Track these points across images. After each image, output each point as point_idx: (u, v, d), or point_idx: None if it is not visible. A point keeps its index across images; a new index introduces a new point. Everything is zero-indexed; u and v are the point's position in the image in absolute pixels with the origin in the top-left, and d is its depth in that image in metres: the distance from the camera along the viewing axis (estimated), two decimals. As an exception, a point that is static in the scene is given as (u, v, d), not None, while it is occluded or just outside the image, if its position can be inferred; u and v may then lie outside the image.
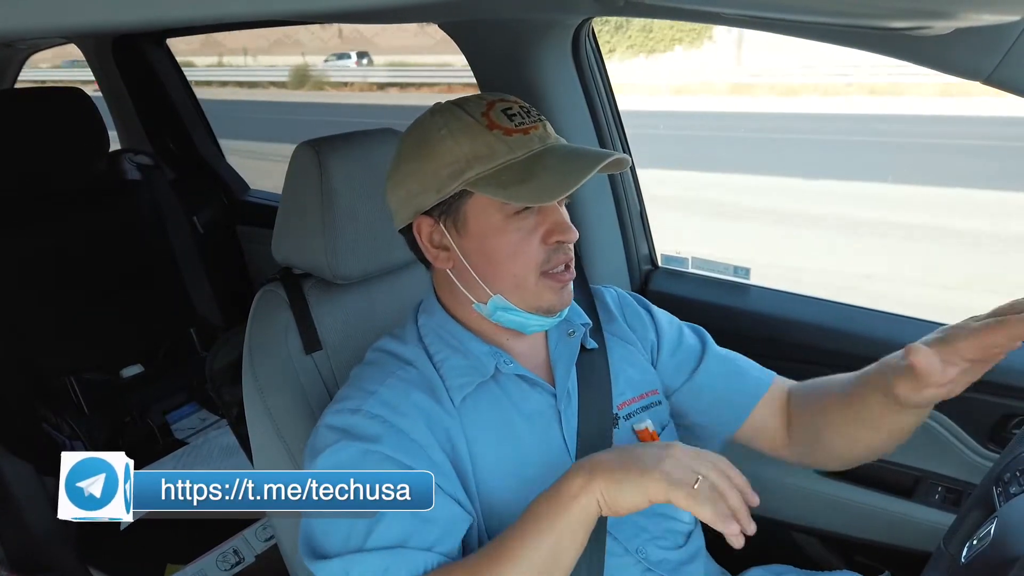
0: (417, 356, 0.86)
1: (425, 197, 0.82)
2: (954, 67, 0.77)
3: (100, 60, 2.44)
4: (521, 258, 0.81)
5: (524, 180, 0.78)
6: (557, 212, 0.82)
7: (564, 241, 0.82)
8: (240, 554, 1.75)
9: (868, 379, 0.87)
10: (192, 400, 2.20)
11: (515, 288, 0.83)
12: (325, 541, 0.75)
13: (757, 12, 0.77)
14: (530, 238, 0.81)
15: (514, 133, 0.80)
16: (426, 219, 0.84)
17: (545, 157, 0.80)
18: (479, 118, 0.81)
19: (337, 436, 0.79)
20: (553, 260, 0.82)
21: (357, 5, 1.03)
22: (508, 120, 0.81)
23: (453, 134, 0.81)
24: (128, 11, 0.38)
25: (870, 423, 0.87)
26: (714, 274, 1.50)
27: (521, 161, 0.79)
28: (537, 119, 0.83)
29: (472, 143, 0.80)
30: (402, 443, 0.78)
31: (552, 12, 1.29)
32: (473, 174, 0.79)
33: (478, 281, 0.83)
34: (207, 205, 2.35)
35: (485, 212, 0.81)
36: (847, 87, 10.04)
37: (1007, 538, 0.68)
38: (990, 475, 0.84)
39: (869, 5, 0.61)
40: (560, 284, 0.83)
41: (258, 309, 1.04)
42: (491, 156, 0.79)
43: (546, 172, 0.78)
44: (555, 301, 0.83)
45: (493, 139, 0.79)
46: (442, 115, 0.83)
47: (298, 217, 1.02)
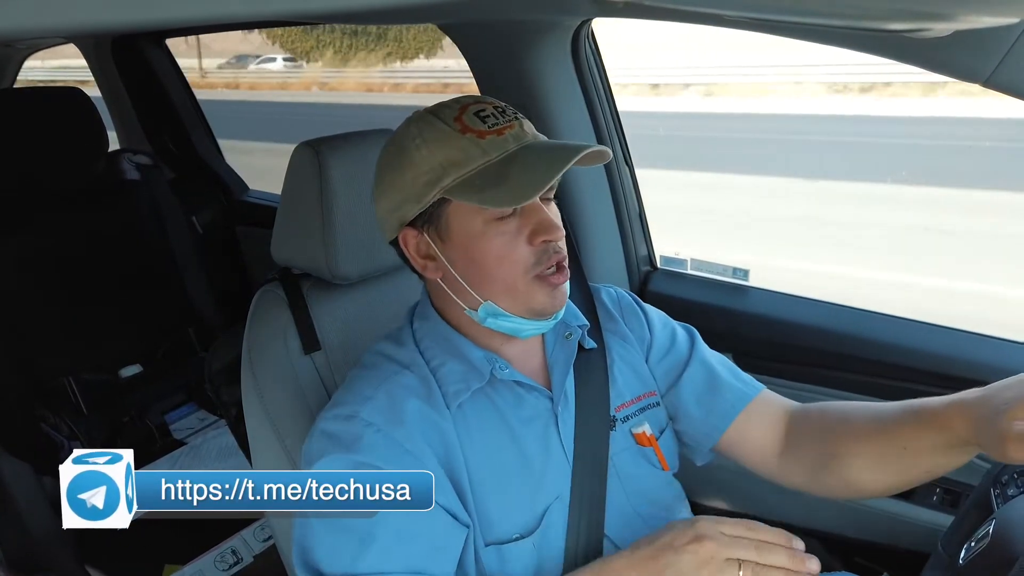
0: (413, 360, 0.86)
1: (407, 208, 0.82)
2: (953, 69, 0.77)
3: (99, 60, 2.44)
4: (508, 262, 0.80)
5: (499, 182, 0.76)
6: (541, 211, 0.80)
7: (550, 240, 0.80)
8: (238, 554, 1.75)
9: (928, 417, 0.80)
10: (191, 400, 2.20)
11: (505, 292, 0.81)
12: (319, 556, 0.74)
13: (757, 14, 0.77)
14: (515, 241, 0.80)
15: (487, 135, 0.79)
16: (411, 230, 0.83)
17: (520, 156, 0.78)
18: (452, 124, 0.80)
19: (330, 446, 0.78)
20: (544, 261, 0.81)
21: (356, 6, 1.03)
22: (481, 123, 0.79)
23: (427, 142, 0.80)
24: (127, 11, 0.38)
25: (913, 457, 0.82)
26: (713, 275, 1.51)
27: (495, 163, 0.78)
28: (512, 118, 0.81)
29: (446, 150, 0.79)
30: (394, 454, 0.77)
31: (551, 14, 1.29)
32: (449, 181, 0.78)
33: (467, 289, 0.82)
34: (206, 205, 2.35)
35: (466, 218, 0.80)
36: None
37: (1005, 539, 0.68)
38: (988, 477, 0.85)
39: (868, 8, 0.61)
40: (552, 286, 0.81)
41: (257, 309, 1.04)
42: (465, 161, 0.78)
43: (521, 171, 0.77)
44: (547, 303, 0.82)
45: (466, 143, 0.78)
46: (416, 124, 0.82)
47: (297, 217, 1.02)
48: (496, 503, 0.81)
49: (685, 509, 0.97)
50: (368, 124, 1.08)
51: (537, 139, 0.82)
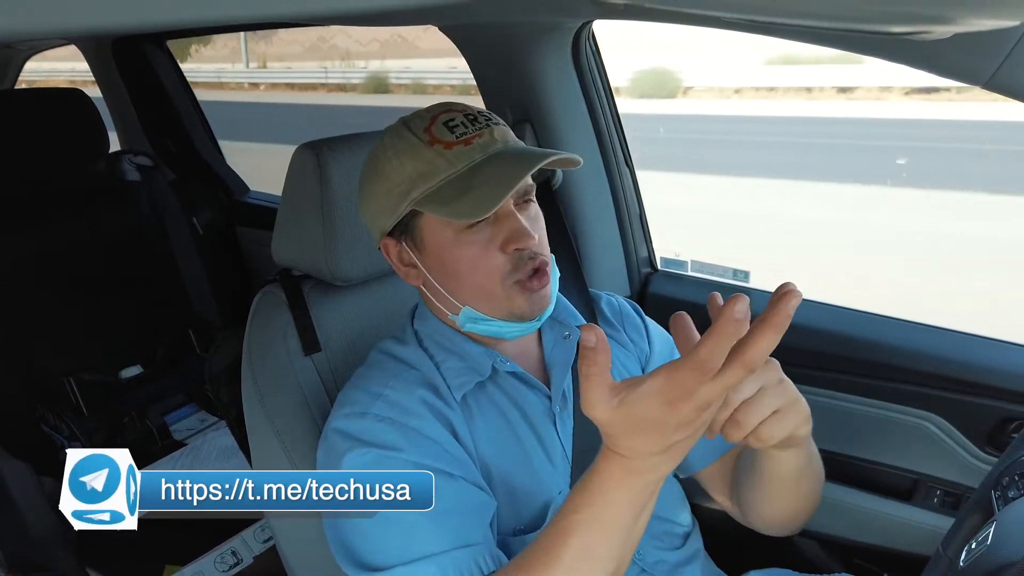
0: (418, 358, 0.87)
1: (384, 219, 0.83)
2: (953, 72, 0.77)
3: (100, 61, 2.44)
4: (482, 270, 0.80)
5: (462, 194, 0.77)
6: (513, 219, 0.80)
7: (522, 248, 0.80)
8: (238, 555, 1.75)
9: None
10: (191, 401, 2.20)
11: (484, 298, 0.82)
12: (368, 551, 0.74)
13: (756, 16, 0.77)
14: (488, 249, 0.80)
15: (454, 146, 0.79)
16: (390, 240, 0.85)
17: (485, 167, 0.78)
18: (421, 135, 0.80)
19: (350, 443, 0.78)
20: (521, 268, 0.81)
21: (357, 8, 1.03)
22: (449, 133, 0.80)
23: (399, 155, 0.80)
24: (129, 13, 0.38)
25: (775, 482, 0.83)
26: (713, 277, 1.51)
27: (461, 174, 0.78)
28: (484, 126, 0.81)
29: (415, 162, 0.79)
30: (419, 443, 0.78)
31: (552, 15, 1.29)
32: (418, 193, 0.79)
33: (446, 295, 0.84)
34: (207, 206, 2.35)
35: (437, 229, 0.81)
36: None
37: (1006, 542, 0.68)
38: (989, 479, 0.84)
39: (869, 11, 0.61)
40: (530, 291, 0.81)
41: (257, 310, 1.04)
42: (432, 173, 0.79)
43: (484, 182, 0.77)
44: (526, 308, 0.82)
45: (433, 155, 0.79)
46: (390, 136, 0.83)
47: (297, 219, 1.02)
48: (501, 495, 0.81)
49: (685, 510, 0.98)
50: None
51: (508, 146, 0.81)
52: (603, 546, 0.62)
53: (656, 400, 0.55)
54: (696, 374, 0.53)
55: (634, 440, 0.57)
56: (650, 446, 0.57)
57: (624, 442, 0.58)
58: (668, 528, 0.93)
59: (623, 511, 0.61)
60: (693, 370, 0.53)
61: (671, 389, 0.54)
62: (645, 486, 0.60)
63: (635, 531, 0.63)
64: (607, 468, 0.60)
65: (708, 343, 0.52)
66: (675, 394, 0.54)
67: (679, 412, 0.55)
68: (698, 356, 0.53)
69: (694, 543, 0.95)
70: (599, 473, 0.61)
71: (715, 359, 0.53)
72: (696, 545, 0.96)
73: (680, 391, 0.54)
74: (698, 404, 0.54)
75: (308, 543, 1.00)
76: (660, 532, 0.92)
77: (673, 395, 0.54)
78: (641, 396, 0.55)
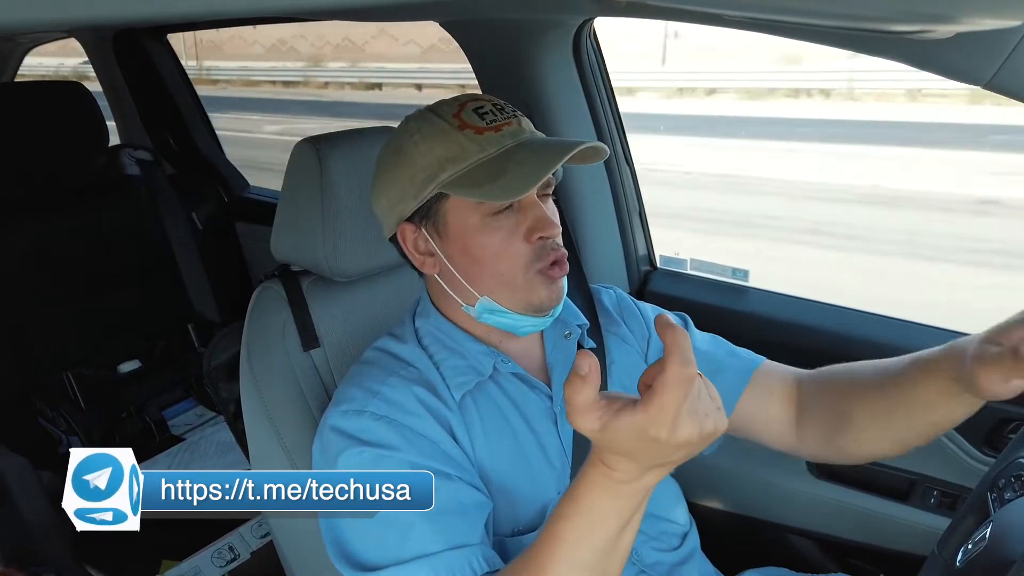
0: (417, 357, 0.86)
1: (405, 204, 0.83)
2: (954, 71, 0.77)
3: (100, 54, 2.43)
4: (506, 257, 0.81)
5: (495, 177, 0.77)
6: (537, 208, 0.81)
7: (546, 237, 0.81)
8: (235, 551, 1.75)
9: (929, 364, 0.81)
10: (189, 396, 2.20)
11: (504, 287, 0.82)
12: (362, 550, 0.74)
13: (758, 14, 0.77)
14: (512, 237, 0.80)
15: (485, 131, 0.79)
16: (409, 226, 0.84)
17: (516, 152, 0.79)
18: (450, 120, 0.80)
19: (346, 441, 0.78)
20: (543, 258, 0.81)
21: (358, 3, 1.03)
22: (480, 119, 0.80)
23: (425, 138, 0.80)
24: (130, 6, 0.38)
25: (921, 409, 0.82)
26: (712, 275, 1.51)
27: (492, 158, 0.79)
28: (511, 115, 0.82)
29: (444, 145, 0.79)
30: (415, 443, 0.78)
31: (553, 12, 1.29)
32: (446, 176, 0.79)
33: (465, 284, 0.83)
34: (206, 201, 2.35)
35: (463, 213, 0.81)
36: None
37: (1002, 543, 0.68)
38: (985, 480, 0.85)
39: (870, 9, 0.61)
40: (551, 279, 0.82)
41: (256, 306, 1.04)
42: (462, 156, 0.79)
43: (516, 167, 0.77)
44: (546, 297, 0.82)
45: (464, 139, 0.79)
46: (415, 121, 0.83)
47: (297, 214, 1.02)
48: (499, 496, 0.81)
49: (682, 509, 0.98)
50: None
51: (535, 136, 0.82)
52: (589, 553, 0.62)
53: (633, 433, 0.55)
54: (663, 415, 0.54)
55: (615, 459, 0.58)
56: (632, 466, 0.58)
57: (608, 457, 0.59)
58: (665, 527, 0.93)
59: (609, 519, 0.61)
60: (660, 410, 0.54)
61: (648, 423, 0.54)
62: (633, 494, 0.60)
63: (623, 539, 0.63)
64: (593, 475, 0.60)
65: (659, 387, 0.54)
66: (653, 430, 0.54)
67: (658, 443, 0.55)
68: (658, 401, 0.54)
69: (691, 543, 0.95)
70: (585, 480, 0.61)
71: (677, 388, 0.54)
72: (693, 545, 0.96)
73: (655, 426, 0.54)
74: (677, 442, 0.55)
75: (305, 538, 1.00)
76: (657, 532, 0.92)
77: (650, 433, 0.55)
78: (619, 428, 0.55)
